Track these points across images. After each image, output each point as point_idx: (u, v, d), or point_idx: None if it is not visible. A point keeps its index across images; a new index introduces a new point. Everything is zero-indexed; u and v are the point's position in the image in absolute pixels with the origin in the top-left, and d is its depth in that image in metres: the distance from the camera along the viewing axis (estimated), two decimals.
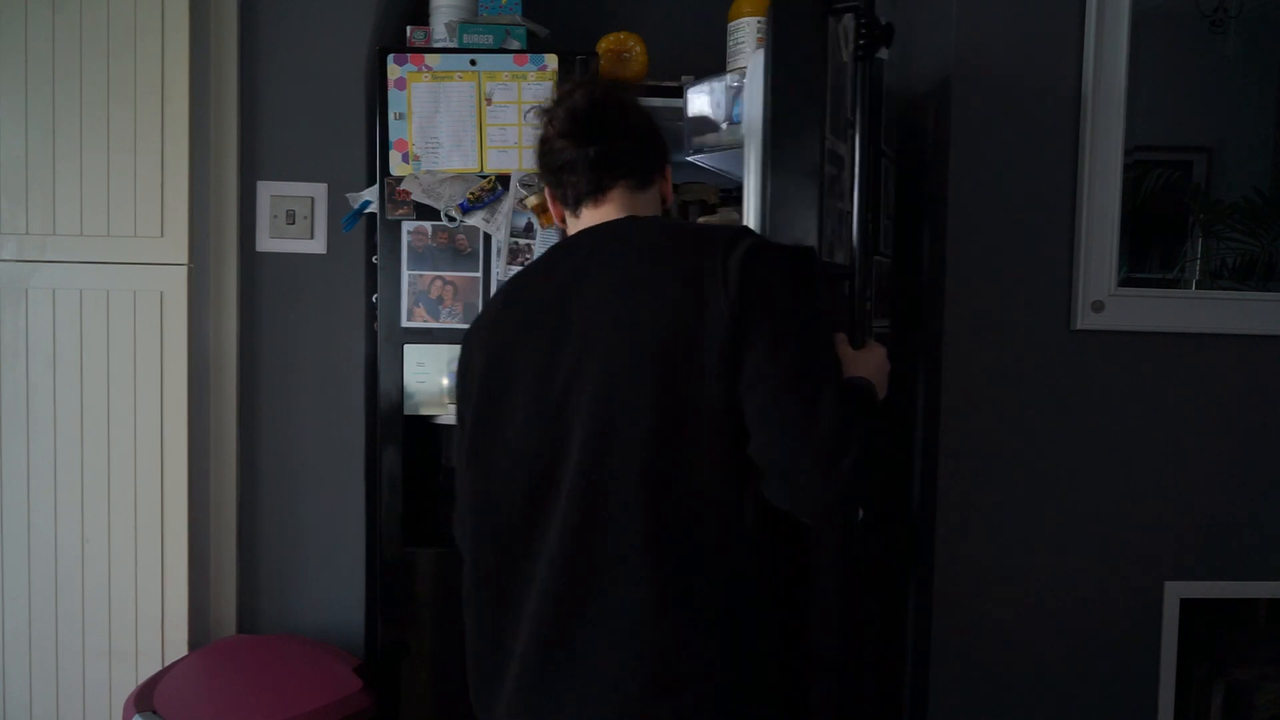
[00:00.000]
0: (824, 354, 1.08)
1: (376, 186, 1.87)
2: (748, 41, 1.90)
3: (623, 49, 2.03)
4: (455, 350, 1.85)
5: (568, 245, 1.21)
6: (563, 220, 1.31)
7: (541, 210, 1.81)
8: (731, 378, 1.04)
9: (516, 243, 1.86)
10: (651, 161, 1.27)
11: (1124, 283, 1.81)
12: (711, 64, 1.93)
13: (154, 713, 1.67)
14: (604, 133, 1.21)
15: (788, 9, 1.35)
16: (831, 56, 1.36)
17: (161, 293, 1.98)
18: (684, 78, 1.88)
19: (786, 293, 1.08)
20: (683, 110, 1.80)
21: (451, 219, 1.84)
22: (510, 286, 1.24)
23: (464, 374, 1.23)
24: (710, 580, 1.06)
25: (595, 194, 1.23)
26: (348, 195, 2.00)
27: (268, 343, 2.08)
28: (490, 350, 1.19)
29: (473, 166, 1.85)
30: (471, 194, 1.84)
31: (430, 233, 1.85)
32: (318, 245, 2.08)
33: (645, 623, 1.05)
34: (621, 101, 1.24)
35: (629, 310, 1.08)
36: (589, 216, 1.24)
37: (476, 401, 1.19)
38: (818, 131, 1.34)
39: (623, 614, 1.06)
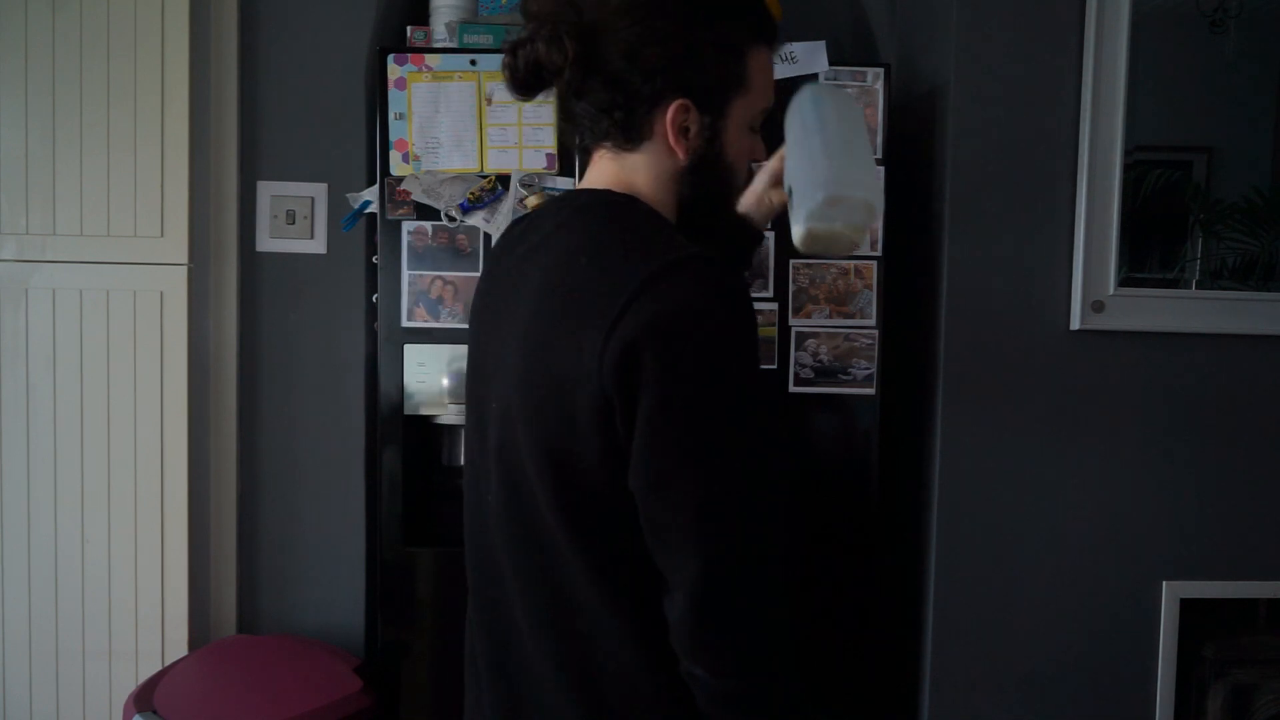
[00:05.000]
0: (722, 501, 0.82)
1: (376, 186, 1.87)
2: None
3: None
4: (455, 350, 1.85)
5: (542, 210, 1.02)
6: None
7: None
8: (608, 458, 0.84)
9: None
10: (634, 109, 0.94)
11: (1124, 283, 1.81)
12: None
13: (154, 713, 1.67)
14: (544, 84, 0.95)
15: None
16: None
17: (161, 293, 1.98)
18: None
19: (672, 412, 0.81)
20: None
21: (451, 219, 1.84)
22: (504, 236, 1.07)
23: None
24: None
25: (584, 157, 1.02)
26: (348, 195, 2.00)
27: (268, 343, 2.08)
28: (473, 305, 1.08)
29: (473, 166, 1.85)
30: (472, 194, 1.83)
31: (430, 233, 1.85)
32: (318, 245, 2.08)
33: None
34: (574, 29, 0.89)
35: (529, 344, 0.90)
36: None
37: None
38: None
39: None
